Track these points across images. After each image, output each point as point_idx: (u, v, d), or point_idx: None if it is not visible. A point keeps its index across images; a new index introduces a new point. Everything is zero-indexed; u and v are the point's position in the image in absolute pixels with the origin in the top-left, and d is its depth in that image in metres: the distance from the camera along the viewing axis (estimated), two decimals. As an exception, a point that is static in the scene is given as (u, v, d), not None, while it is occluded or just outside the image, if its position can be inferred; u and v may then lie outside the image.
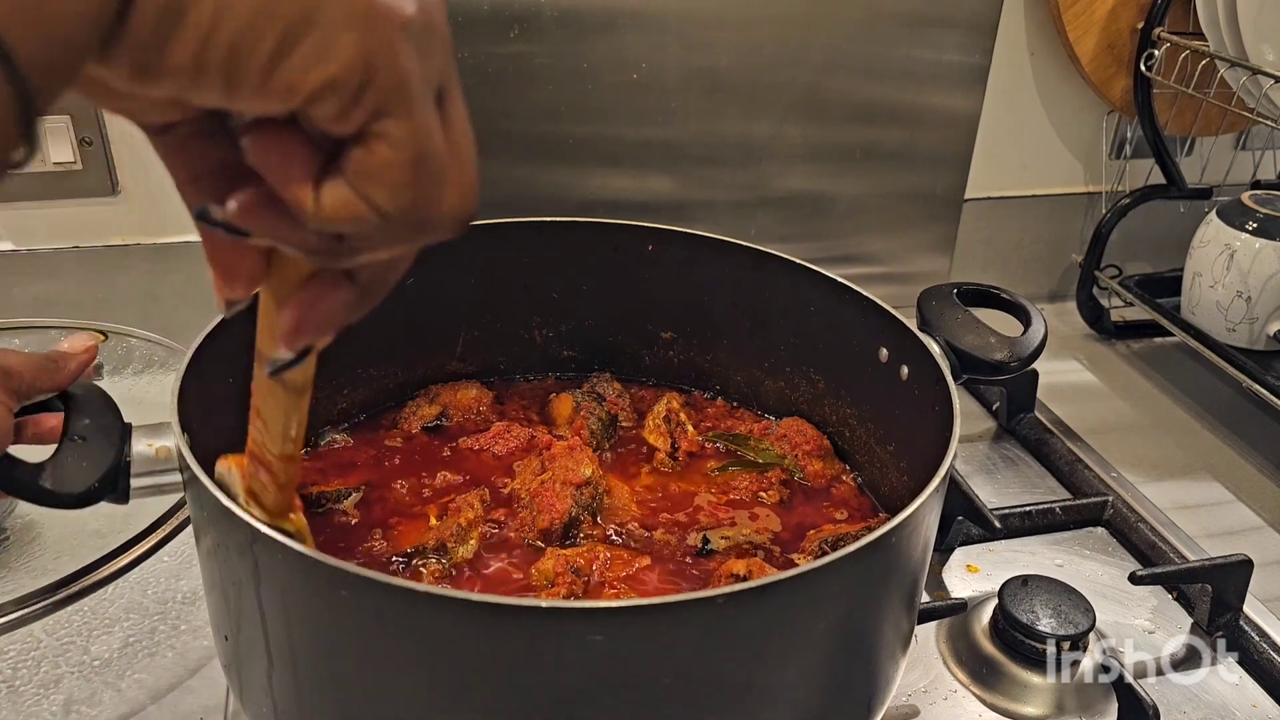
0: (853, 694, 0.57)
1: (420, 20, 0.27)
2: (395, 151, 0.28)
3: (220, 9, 0.24)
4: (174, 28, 0.24)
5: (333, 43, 0.26)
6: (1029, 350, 0.69)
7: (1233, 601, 0.77)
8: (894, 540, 0.50)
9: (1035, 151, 1.20)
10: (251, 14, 0.25)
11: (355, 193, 0.28)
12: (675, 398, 0.81)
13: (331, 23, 0.25)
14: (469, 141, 0.31)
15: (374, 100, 0.27)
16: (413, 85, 0.27)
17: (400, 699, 0.48)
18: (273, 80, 0.26)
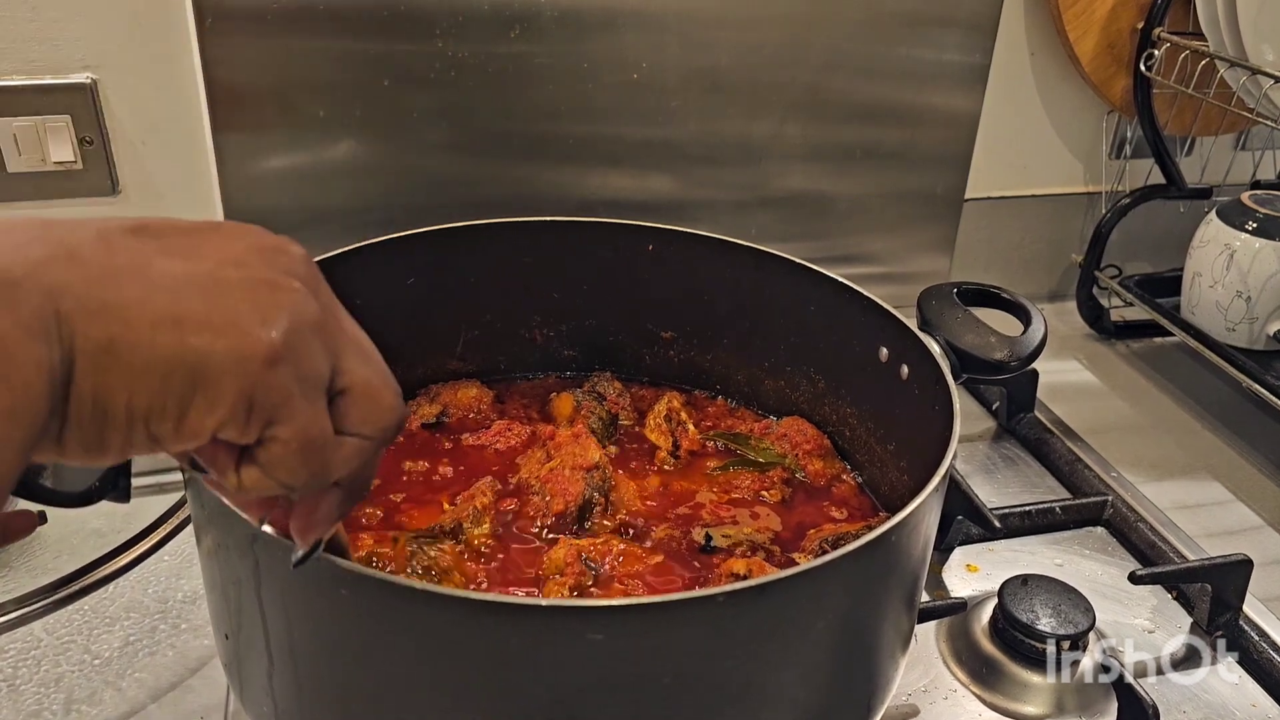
0: (853, 693, 0.57)
1: (286, 340, 0.34)
2: (284, 447, 0.35)
3: (132, 401, 0.32)
4: (103, 420, 0.32)
5: (217, 394, 0.33)
6: (1029, 350, 0.69)
7: (1232, 601, 0.77)
8: (894, 539, 0.50)
9: (1035, 151, 1.20)
10: (152, 397, 0.32)
11: (264, 473, 0.36)
12: (676, 397, 0.82)
13: (212, 380, 0.33)
14: (376, 376, 0.38)
15: (260, 419, 0.34)
16: (289, 396, 0.35)
17: (400, 698, 0.48)
18: (183, 431, 0.33)
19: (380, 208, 0.99)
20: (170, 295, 0.32)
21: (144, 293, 0.32)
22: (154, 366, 0.32)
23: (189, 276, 0.33)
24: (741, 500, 0.74)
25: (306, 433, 0.35)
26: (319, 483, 0.38)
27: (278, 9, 0.90)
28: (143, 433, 0.33)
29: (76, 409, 0.31)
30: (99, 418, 0.32)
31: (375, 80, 0.94)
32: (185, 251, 0.34)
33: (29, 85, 0.89)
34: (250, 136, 0.94)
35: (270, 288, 0.35)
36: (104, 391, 0.32)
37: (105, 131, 0.92)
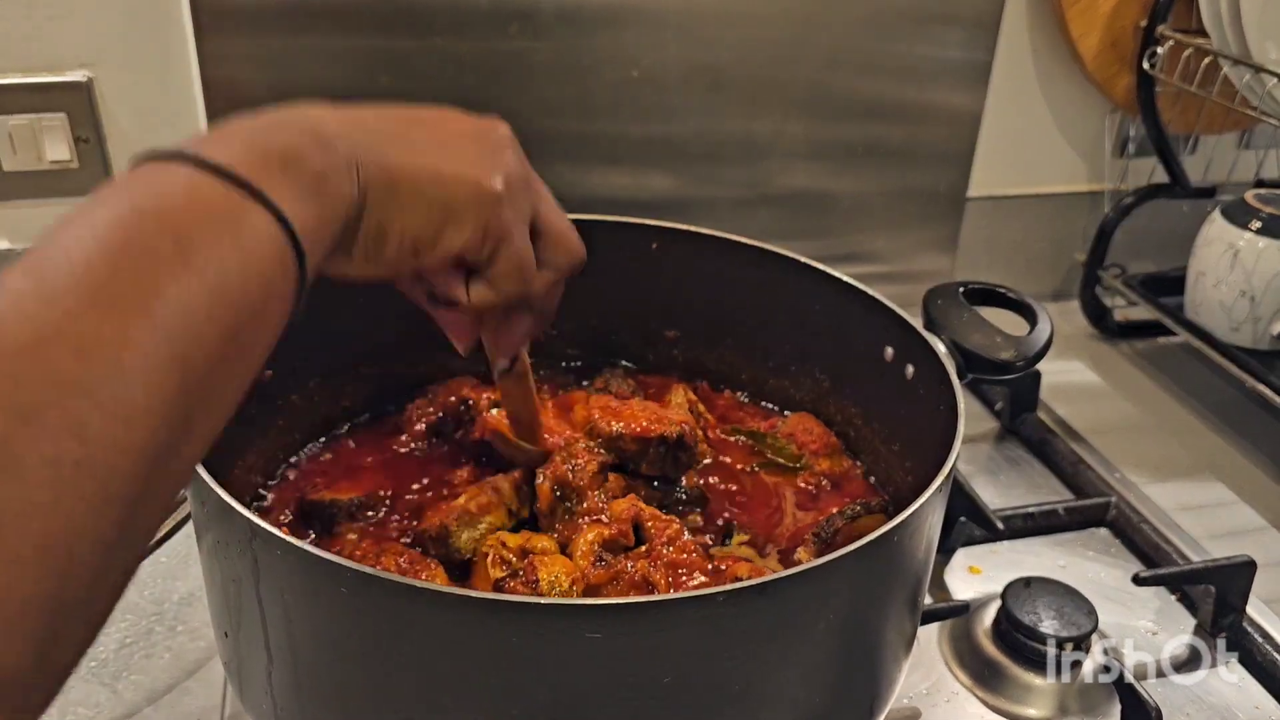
0: (854, 695, 0.57)
1: (507, 187, 0.48)
2: (506, 263, 0.49)
3: (404, 225, 0.45)
4: (382, 240, 0.45)
5: (462, 224, 0.46)
6: (1035, 350, 0.69)
7: (1236, 603, 0.76)
8: (896, 539, 0.50)
9: (1038, 150, 1.19)
10: (419, 224, 0.45)
11: (489, 287, 0.50)
12: (685, 389, 0.80)
13: (460, 213, 0.46)
14: (563, 222, 0.53)
15: (490, 243, 0.48)
16: (511, 228, 0.48)
17: (399, 696, 0.48)
18: (438, 248, 0.46)
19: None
20: (428, 155, 0.45)
21: (410, 153, 0.45)
22: (421, 203, 0.45)
23: (440, 141, 0.47)
24: None
25: (521, 254, 0.49)
26: (525, 294, 0.51)
27: (275, 6, 0.89)
28: (410, 248, 0.45)
29: (365, 230, 0.43)
30: (380, 238, 0.44)
31: (374, 78, 0.94)
32: (431, 125, 0.48)
33: (25, 83, 0.89)
34: (248, 134, 0.93)
35: (493, 150, 0.48)
36: (385, 219, 0.44)
37: (101, 130, 0.92)
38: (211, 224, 0.35)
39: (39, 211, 0.94)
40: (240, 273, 0.35)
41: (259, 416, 0.70)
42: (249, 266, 0.35)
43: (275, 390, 0.71)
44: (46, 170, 0.92)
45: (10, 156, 0.90)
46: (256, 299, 0.36)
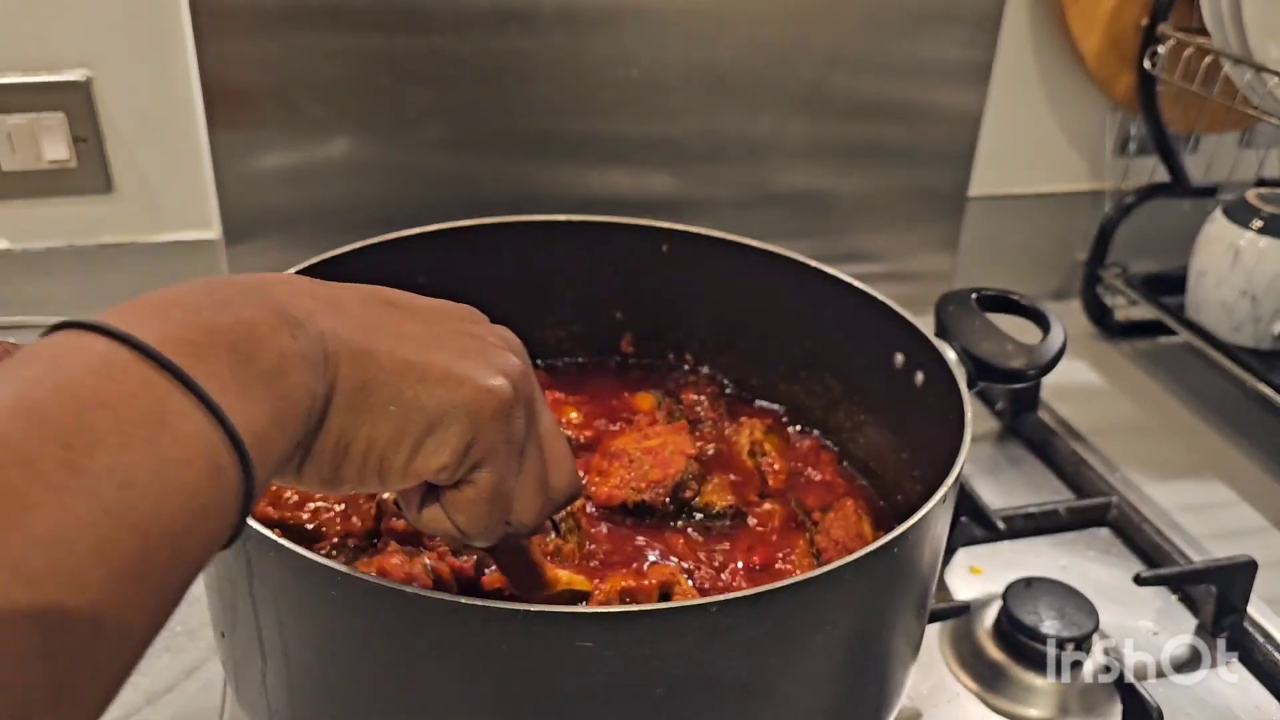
0: (857, 705, 0.56)
1: (508, 401, 0.39)
2: (476, 492, 0.40)
3: (370, 439, 0.37)
4: (343, 457, 0.37)
5: (447, 438, 0.37)
6: (1047, 358, 0.68)
7: (1237, 603, 0.76)
8: (896, 550, 0.50)
9: (1039, 149, 1.19)
10: (391, 436, 0.37)
11: (444, 513, 0.41)
12: (758, 425, 0.77)
13: (446, 424, 0.37)
14: (562, 448, 0.44)
15: (470, 463, 0.39)
16: (498, 451, 0.39)
17: (390, 699, 0.48)
18: (410, 469, 0.38)
19: (378, 206, 0.99)
20: (416, 349, 0.38)
21: (394, 345, 0.37)
22: (397, 408, 0.37)
23: (430, 336, 0.39)
24: None
25: (502, 482, 0.40)
26: (487, 535, 0.41)
27: (275, 6, 0.89)
28: (374, 468, 0.37)
29: (322, 443, 0.36)
30: (340, 453, 0.37)
31: (373, 78, 0.94)
32: (424, 317, 0.40)
33: (23, 83, 0.88)
34: (246, 135, 0.93)
35: (497, 351, 0.40)
36: (350, 428, 0.36)
37: (100, 129, 0.92)
38: (119, 422, 0.28)
39: (38, 211, 0.94)
40: (152, 488, 0.28)
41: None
42: (168, 479, 0.28)
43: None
44: (45, 170, 0.92)
45: (8, 156, 0.90)
46: (175, 520, 0.28)
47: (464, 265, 0.78)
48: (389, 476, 0.38)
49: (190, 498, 0.29)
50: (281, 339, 0.33)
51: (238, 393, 0.31)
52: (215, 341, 0.31)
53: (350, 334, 0.36)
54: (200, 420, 0.29)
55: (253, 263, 0.97)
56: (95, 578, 0.26)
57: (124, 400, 0.28)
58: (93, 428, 0.27)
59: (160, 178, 0.95)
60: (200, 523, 0.29)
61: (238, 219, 0.96)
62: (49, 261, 0.96)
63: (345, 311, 0.37)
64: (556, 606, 0.51)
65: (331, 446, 0.36)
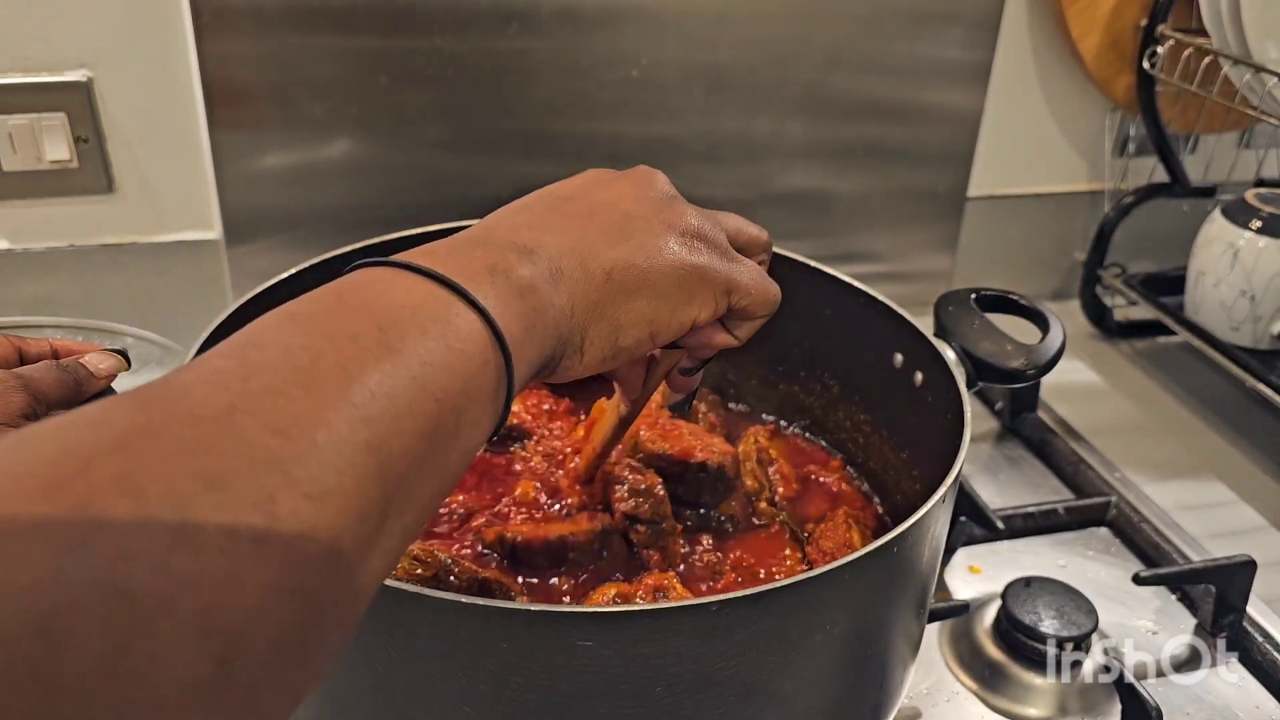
0: (857, 704, 0.56)
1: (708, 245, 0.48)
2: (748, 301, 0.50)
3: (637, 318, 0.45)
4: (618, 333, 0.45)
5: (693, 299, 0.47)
6: (1046, 358, 0.68)
7: (1236, 602, 0.76)
8: (896, 550, 0.50)
9: (1038, 149, 1.19)
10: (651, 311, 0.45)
11: (746, 323, 0.52)
12: (761, 432, 0.78)
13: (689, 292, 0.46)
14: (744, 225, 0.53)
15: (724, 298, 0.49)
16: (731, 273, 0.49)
17: (390, 699, 0.48)
18: (673, 329, 0.47)
19: (377, 206, 0.99)
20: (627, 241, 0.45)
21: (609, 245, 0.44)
22: (646, 291, 0.44)
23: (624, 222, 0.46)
24: None
25: (756, 284, 0.50)
26: (774, 301, 0.52)
27: (275, 6, 0.89)
28: (647, 335, 0.45)
29: (598, 331, 0.43)
30: (616, 331, 0.44)
31: (373, 78, 0.94)
32: (607, 208, 0.46)
33: (24, 83, 0.89)
34: (247, 134, 0.93)
35: (675, 214, 0.48)
36: (617, 315, 0.44)
37: (101, 130, 0.92)
38: (417, 318, 0.35)
39: (38, 211, 0.94)
40: (444, 367, 0.34)
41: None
42: (454, 363, 0.35)
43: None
44: (46, 170, 0.92)
45: (10, 156, 0.90)
46: (459, 396, 0.35)
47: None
48: (661, 335, 0.46)
49: (469, 380, 0.35)
50: (523, 266, 0.40)
51: (498, 303, 0.37)
52: (476, 268, 0.38)
53: (572, 247, 0.43)
54: (475, 320, 0.36)
55: (253, 263, 0.97)
56: (409, 427, 0.32)
57: (420, 304, 0.35)
58: (399, 320, 0.34)
59: (161, 178, 0.95)
60: (474, 403, 0.36)
61: (238, 219, 0.96)
62: (50, 261, 0.96)
63: (555, 228, 0.44)
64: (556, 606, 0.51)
65: (608, 331, 0.44)
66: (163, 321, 0.86)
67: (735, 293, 0.49)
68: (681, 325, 0.47)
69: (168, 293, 0.99)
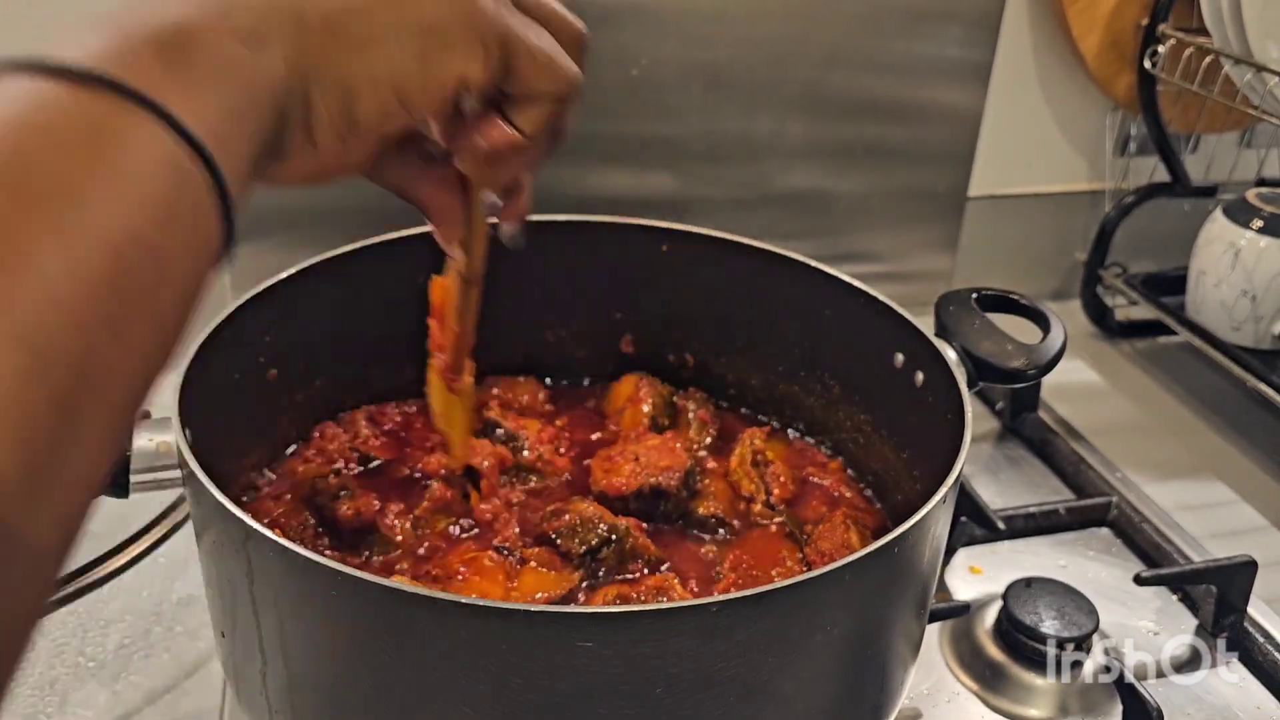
0: (858, 704, 0.56)
1: None
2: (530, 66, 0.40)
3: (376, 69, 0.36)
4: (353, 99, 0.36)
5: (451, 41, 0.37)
6: (1047, 358, 0.68)
7: (1237, 603, 0.76)
8: (896, 550, 0.50)
9: (1038, 149, 1.19)
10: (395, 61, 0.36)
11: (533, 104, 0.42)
12: (757, 434, 0.77)
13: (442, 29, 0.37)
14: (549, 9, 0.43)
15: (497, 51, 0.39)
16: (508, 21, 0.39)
17: (389, 699, 0.48)
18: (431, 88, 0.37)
19: (377, 206, 0.98)
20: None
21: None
22: (388, 34, 0.35)
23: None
24: None
25: (542, 44, 0.40)
26: (572, 88, 0.42)
27: (275, 6, 0.89)
28: (393, 98, 0.36)
29: (325, 100, 0.35)
30: (349, 98, 0.35)
31: (373, 77, 0.94)
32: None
33: (24, 83, 0.88)
34: (247, 134, 0.93)
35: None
36: (347, 73, 0.35)
37: (101, 129, 0.92)
38: (62, 150, 0.27)
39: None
40: (114, 205, 0.27)
41: (262, 416, 0.70)
42: (126, 194, 0.27)
43: (280, 390, 0.71)
44: (46, 170, 0.91)
45: (9, 156, 0.90)
46: (150, 235, 0.28)
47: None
48: (413, 98, 0.37)
49: (157, 207, 0.28)
50: (207, 31, 0.31)
51: (180, 92, 0.29)
52: (145, 48, 0.30)
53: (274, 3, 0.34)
54: (149, 128, 0.28)
55: (253, 263, 0.96)
56: (69, 295, 0.25)
57: (65, 128, 0.27)
58: (37, 164, 0.26)
59: (160, 178, 0.95)
60: (175, 231, 0.28)
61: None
62: (49, 262, 0.96)
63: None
64: (556, 607, 0.51)
65: (339, 97, 0.35)
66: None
67: (510, 46, 0.39)
68: (441, 83, 0.37)
69: (168, 293, 0.99)
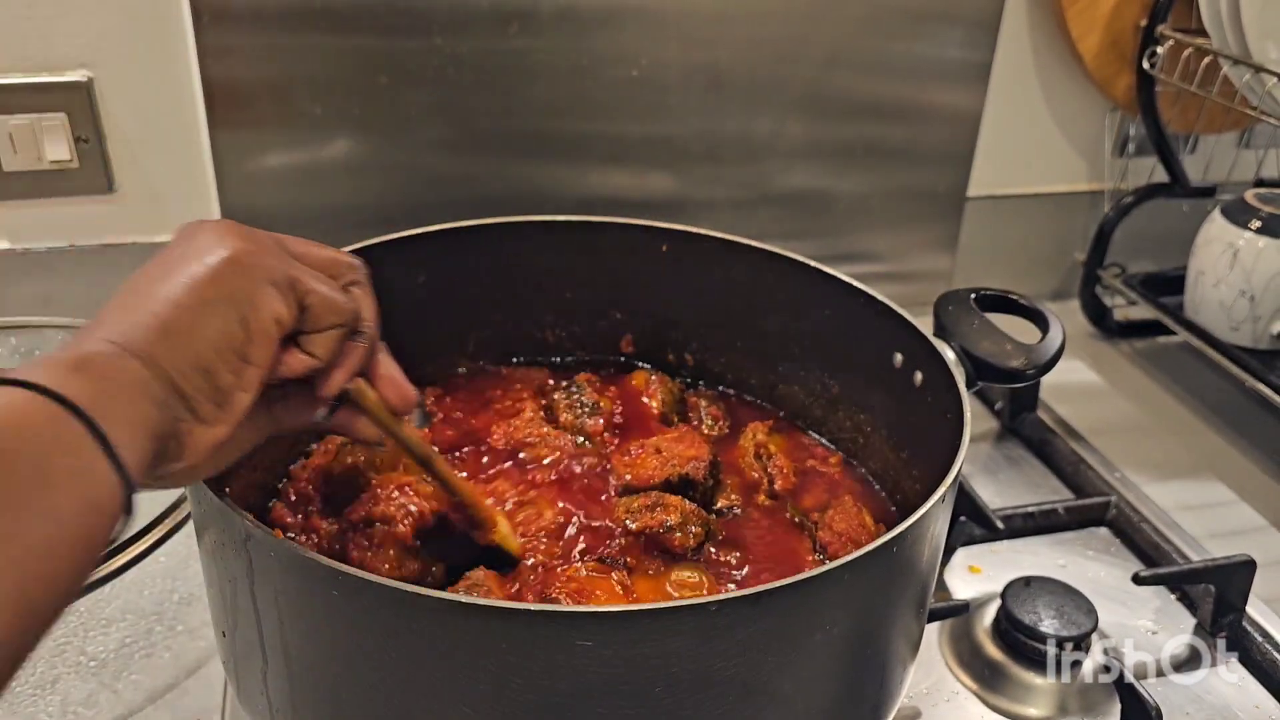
0: (857, 703, 0.56)
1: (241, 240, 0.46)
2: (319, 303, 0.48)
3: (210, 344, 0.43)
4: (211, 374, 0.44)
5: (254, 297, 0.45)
6: (1045, 358, 0.68)
7: (1236, 602, 0.76)
8: (895, 549, 0.50)
9: (1038, 149, 1.19)
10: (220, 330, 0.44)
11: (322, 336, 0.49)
12: (760, 427, 0.77)
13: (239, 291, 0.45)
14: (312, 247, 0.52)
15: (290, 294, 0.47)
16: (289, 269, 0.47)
17: (390, 699, 0.48)
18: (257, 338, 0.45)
19: (377, 206, 0.99)
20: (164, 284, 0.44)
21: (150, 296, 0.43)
22: (205, 316, 0.43)
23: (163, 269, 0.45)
24: None
25: (319, 286, 0.48)
26: (353, 313, 0.50)
27: (275, 6, 0.89)
28: (235, 358, 0.44)
29: (188, 384, 0.43)
30: (207, 373, 0.43)
31: (373, 78, 0.94)
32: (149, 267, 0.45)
33: (25, 83, 0.89)
34: (247, 134, 0.93)
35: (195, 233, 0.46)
36: (194, 355, 0.43)
37: (101, 130, 0.92)
38: None
39: (39, 211, 0.94)
40: None
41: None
42: None
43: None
44: (46, 170, 0.92)
45: (10, 156, 0.90)
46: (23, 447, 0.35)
47: (464, 265, 0.78)
48: (251, 354, 0.45)
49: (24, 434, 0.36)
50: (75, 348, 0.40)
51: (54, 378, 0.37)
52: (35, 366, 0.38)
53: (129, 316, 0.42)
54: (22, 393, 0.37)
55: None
56: None
57: None
58: None
59: (161, 178, 0.95)
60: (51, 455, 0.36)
61: (239, 219, 0.95)
62: (51, 262, 0.96)
63: (112, 311, 0.43)
64: (556, 606, 0.51)
65: (199, 377, 0.43)
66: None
67: (299, 287, 0.47)
68: (265, 330, 0.45)
69: (168, 293, 0.99)
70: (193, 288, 0.43)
